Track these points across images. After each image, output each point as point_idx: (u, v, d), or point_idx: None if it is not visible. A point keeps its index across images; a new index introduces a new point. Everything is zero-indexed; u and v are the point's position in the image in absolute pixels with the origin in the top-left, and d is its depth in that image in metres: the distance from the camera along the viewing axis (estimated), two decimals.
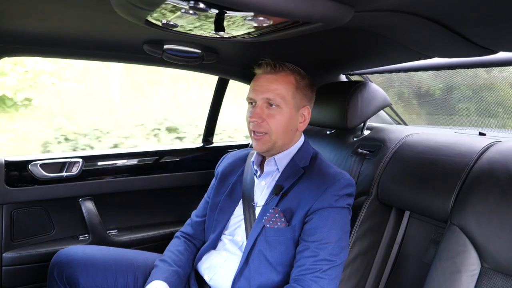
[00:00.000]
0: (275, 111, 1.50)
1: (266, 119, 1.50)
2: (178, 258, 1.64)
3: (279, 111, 1.50)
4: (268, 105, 1.51)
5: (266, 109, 1.51)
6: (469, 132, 1.75)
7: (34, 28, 1.54)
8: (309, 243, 1.39)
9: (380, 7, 0.99)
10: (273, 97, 1.49)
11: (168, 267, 1.58)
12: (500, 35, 1.11)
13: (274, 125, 1.50)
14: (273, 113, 1.50)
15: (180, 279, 1.58)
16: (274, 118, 1.50)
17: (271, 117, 1.50)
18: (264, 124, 1.50)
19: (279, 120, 1.50)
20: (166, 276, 1.53)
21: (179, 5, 0.90)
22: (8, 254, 2.06)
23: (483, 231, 1.19)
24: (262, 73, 1.55)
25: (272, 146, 1.53)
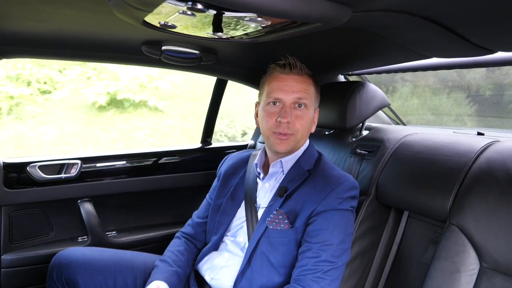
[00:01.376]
0: (303, 111, 1.51)
1: (294, 120, 1.50)
2: (178, 258, 1.64)
3: (306, 112, 1.52)
4: (295, 106, 1.51)
5: (294, 109, 1.51)
6: (468, 132, 1.76)
7: (32, 29, 1.54)
8: (312, 244, 1.39)
9: (378, 7, 0.99)
10: (304, 97, 1.50)
11: (168, 268, 1.58)
12: (498, 35, 1.11)
13: (301, 126, 1.51)
14: (300, 113, 1.51)
15: (180, 279, 1.58)
16: (302, 119, 1.51)
17: (299, 118, 1.51)
18: (292, 125, 1.50)
19: (306, 121, 1.52)
20: (166, 276, 1.53)
21: (177, 6, 0.90)
22: (7, 256, 2.06)
23: (482, 230, 1.19)
24: (286, 73, 1.53)
25: (295, 146, 1.55)
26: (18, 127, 6.38)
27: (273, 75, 1.56)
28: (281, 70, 1.54)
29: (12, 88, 6.37)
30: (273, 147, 1.54)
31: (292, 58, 1.53)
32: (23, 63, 6.58)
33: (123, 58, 2.01)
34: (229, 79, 2.50)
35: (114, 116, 6.89)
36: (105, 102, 6.69)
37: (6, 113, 6.45)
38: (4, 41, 1.66)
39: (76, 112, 6.80)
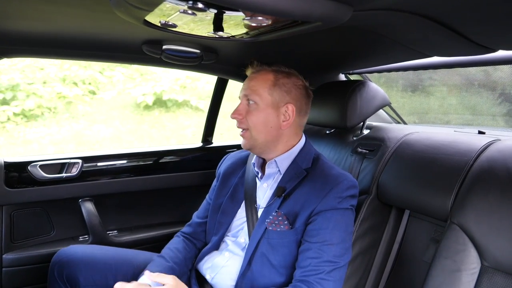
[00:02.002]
0: (252, 107, 1.53)
1: (246, 116, 1.54)
2: (175, 255, 1.64)
3: (256, 107, 1.53)
4: (248, 102, 1.55)
5: (247, 106, 1.55)
6: (469, 131, 1.75)
7: (33, 28, 1.54)
8: (311, 244, 1.39)
9: (379, 6, 0.99)
10: (249, 93, 1.53)
11: (164, 262, 1.58)
12: (499, 33, 1.11)
13: (251, 121, 1.53)
14: (251, 109, 1.54)
15: (175, 275, 1.57)
16: (252, 114, 1.53)
17: (249, 113, 1.54)
18: (243, 121, 1.54)
19: (255, 116, 1.53)
20: (160, 269, 1.53)
21: (177, 5, 0.90)
22: (8, 256, 2.06)
23: (483, 229, 1.19)
24: (248, 74, 1.61)
25: (254, 143, 1.55)
26: (73, 125, 6.75)
27: None
28: (247, 71, 1.63)
29: (63, 88, 6.79)
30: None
31: (253, 59, 1.60)
32: (70, 65, 6.98)
33: (124, 58, 2.01)
34: (230, 78, 2.50)
35: (160, 115, 7.27)
36: (152, 101, 7.09)
37: (61, 113, 6.85)
38: (5, 40, 1.67)
39: (124, 111, 7.20)
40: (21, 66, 6.65)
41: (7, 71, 6.53)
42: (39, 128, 6.61)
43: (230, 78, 2.48)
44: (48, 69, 6.80)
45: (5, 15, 1.37)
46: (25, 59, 6.64)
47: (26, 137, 6.36)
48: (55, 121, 6.75)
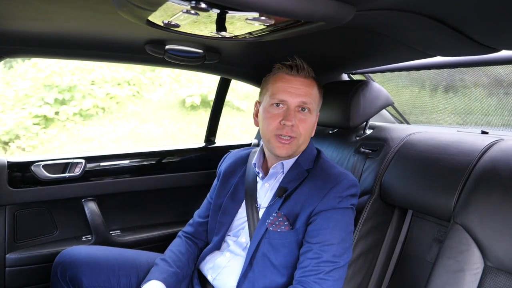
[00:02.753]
0: (306, 115, 1.49)
1: (298, 124, 1.48)
2: (178, 258, 1.63)
3: (309, 116, 1.50)
4: (299, 109, 1.49)
5: (298, 113, 1.48)
6: (472, 131, 1.75)
7: (35, 28, 1.55)
8: (312, 245, 1.38)
9: (382, 6, 0.99)
10: (309, 102, 1.49)
11: (168, 268, 1.57)
12: (502, 33, 1.11)
13: (304, 130, 1.49)
14: (304, 117, 1.49)
15: (178, 280, 1.58)
16: (305, 123, 1.49)
17: (303, 121, 1.48)
18: (295, 129, 1.47)
19: (308, 125, 1.50)
20: (164, 276, 1.53)
21: (180, 5, 0.90)
22: (11, 255, 2.06)
23: (486, 229, 1.18)
24: (294, 75, 1.50)
25: (296, 150, 1.53)
26: (125, 124, 7.20)
27: (278, 75, 1.53)
28: (288, 71, 1.51)
29: (113, 89, 7.26)
30: (274, 150, 1.51)
31: (300, 59, 1.51)
32: (116, 67, 7.39)
33: (127, 58, 2.01)
34: (233, 78, 2.50)
35: (206, 114, 7.44)
36: (199, 102, 7.43)
37: (113, 112, 7.32)
38: (8, 40, 1.67)
39: (171, 111, 7.57)
40: (72, 68, 7.05)
41: (64, 73, 6.98)
42: (95, 127, 7.04)
43: (233, 78, 2.48)
44: (97, 71, 7.17)
45: (8, 15, 1.37)
46: (74, 62, 6.99)
47: (85, 135, 6.83)
48: (108, 120, 7.15)
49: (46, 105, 6.67)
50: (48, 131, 6.66)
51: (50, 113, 6.71)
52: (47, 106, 6.67)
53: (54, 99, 6.71)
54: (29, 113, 6.59)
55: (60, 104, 6.78)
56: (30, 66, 7.10)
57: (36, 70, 6.97)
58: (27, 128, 6.52)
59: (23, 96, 6.84)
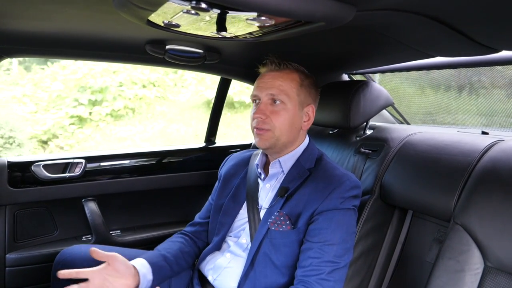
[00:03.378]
0: (279, 107, 1.50)
1: (270, 116, 1.49)
2: (168, 246, 1.65)
3: (283, 107, 1.50)
4: (272, 102, 1.50)
5: (270, 105, 1.50)
6: (472, 131, 1.75)
7: (35, 28, 1.55)
8: (313, 243, 1.38)
9: (382, 6, 0.99)
10: (277, 93, 1.49)
11: (156, 252, 1.59)
12: (502, 33, 1.11)
13: (277, 122, 1.49)
14: (277, 109, 1.50)
15: (168, 263, 1.57)
16: (278, 114, 1.49)
17: (275, 113, 1.49)
18: (268, 121, 1.49)
19: (283, 117, 1.50)
20: (149, 255, 1.54)
21: (181, 5, 0.90)
22: (11, 255, 2.07)
23: (486, 230, 1.18)
24: (266, 71, 1.56)
25: (275, 143, 1.52)
26: (154, 124, 7.59)
27: (260, 75, 1.59)
28: (262, 68, 1.58)
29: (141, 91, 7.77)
30: (256, 144, 1.55)
31: (272, 55, 1.55)
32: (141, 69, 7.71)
33: (127, 58, 2.01)
34: (233, 78, 2.50)
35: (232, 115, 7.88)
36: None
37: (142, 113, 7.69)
38: (8, 40, 1.67)
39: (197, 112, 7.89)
40: (100, 70, 7.45)
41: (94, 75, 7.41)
42: (127, 127, 7.41)
43: (233, 78, 2.48)
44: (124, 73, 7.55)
45: (8, 15, 1.37)
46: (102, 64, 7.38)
47: (118, 135, 7.27)
48: (137, 120, 7.51)
49: (80, 105, 7.20)
50: (83, 130, 7.22)
51: (85, 114, 7.22)
52: (81, 106, 7.20)
53: (88, 100, 7.23)
54: (65, 113, 7.12)
55: (93, 105, 7.29)
56: (59, 68, 7.52)
57: (70, 71, 7.44)
58: (64, 127, 7.07)
59: (56, 97, 7.32)
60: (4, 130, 6.56)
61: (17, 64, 7.90)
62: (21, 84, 7.66)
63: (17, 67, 7.87)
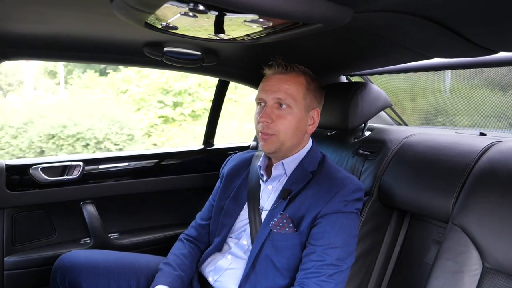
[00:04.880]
0: (285, 111, 1.49)
1: (276, 120, 1.48)
2: (182, 262, 1.63)
3: (290, 111, 1.49)
4: (278, 106, 1.49)
5: (276, 109, 1.49)
6: (470, 132, 1.75)
7: (33, 31, 1.55)
8: (316, 247, 1.38)
9: (380, 7, 0.99)
10: (284, 97, 1.47)
11: (172, 271, 1.57)
12: (500, 35, 1.11)
13: (283, 126, 1.48)
14: (283, 113, 1.49)
15: (183, 283, 1.58)
16: (284, 119, 1.48)
17: (281, 117, 1.48)
18: (273, 125, 1.48)
19: (289, 121, 1.49)
20: (170, 280, 1.53)
21: (178, 7, 0.90)
22: (9, 258, 2.06)
23: (484, 231, 1.18)
24: (272, 73, 1.53)
25: (280, 147, 1.52)
26: (229, 123, 8.24)
27: (264, 77, 1.57)
28: (268, 70, 1.55)
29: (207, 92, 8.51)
30: (261, 148, 1.55)
31: (279, 57, 1.53)
32: None
33: (125, 60, 2.01)
34: (231, 80, 2.50)
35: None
36: None
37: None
38: (6, 43, 1.67)
39: None
40: (177, 75, 8.23)
41: (178, 79, 8.27)
42: (205, 126, 7.90)
43: (231, 80, 2.48)
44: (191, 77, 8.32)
45: (6, 18, 1.37)
46: None
47: (199, 133, 7.64)
48: None
49: (166, 107, 8.14)
50: (171, 129, 8.16)
51: (170, 114, 8.17)
52: (167, 107, 8.15)
53: (172, 102, 8.20)
54: (155, 113, 8.07)
55: (175, 106, 8.24)
56: (135, 73, 8.59)
57: (158, 75, 8.33)
58: (155, 126, 8.06)
59: (139, 99, 8.34)
60: (125, 128, 7.53)
61: (91, 70, 9.03)
62: (103, 88, 8.85)
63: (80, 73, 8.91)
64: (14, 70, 10.00)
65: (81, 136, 7.07)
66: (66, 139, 7.04)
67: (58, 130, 7.02)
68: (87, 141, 7.06)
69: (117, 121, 7.46)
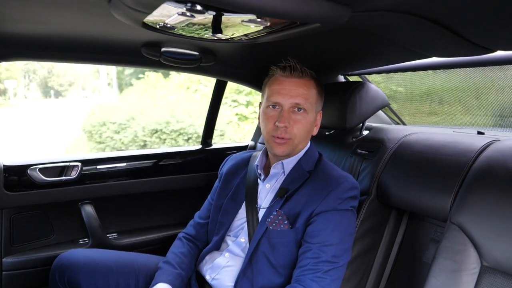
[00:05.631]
0: (301, 116, 1.50)
1: (293, 125, 1.49)
2: (181, 260, 1.64)
3: (305, 116, 1.50)
4: (294, 110, 1.49)
5: (292, 114, 1.49)
6: (468, 131, 1.75)
7: (31, 32, 1.54)
8: (312, 245, 1.39)
9: (378, 7, 0.99)
10: (303, 102, 1.49)
11: (173, 270, 1.58)
12: (497, 34, 1.11)
13: (299, 130, 1.50)
14: (299, 118, 1.50)
15: (183, 282, 1.58)
16: (300, 123, 1.50)
17: (298, 122, 1.49)
18: (290, 130, 1.49)
19: (304, 125, 1.51)
20: (170, 278, 1.53)
21: (176, 7, 0.90)
22: (8, 259, 2.06)
23: (482, 229, 1.19)
24: (287, 76, 1.52)
25: (293, 150, 1.54)
26: None
27: (274, 77, 1.56)
28: (281, 72, 1.53)
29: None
30: (272, 150, 1.54)
31: (293, 60, 1.52)
32: None
33: (123, 60, 2.01)
34: (229, 80, 2.50)
35: None
36: None
37: None
38: (3, 44, 1.66)
39: None
40: None
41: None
42: None
43: (229, 80, 2.48)
44: None
45: (3, 18, 1.36)
46: None
47: None
48: None
49: (240, 105, 8.62)
50: (245, 126, 8.60)
51: (244, 112, 8.66)
52: (241, 106, 8.63)
53: (246, 101, 8.65)
54: (230, 111, 8.53)
55: (248, 105, 8.69)
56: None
57: None
58: (232, 122, 8.49)
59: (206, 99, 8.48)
60: (218, 124, 7.42)
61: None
62: (169, 88, 9.63)
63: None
64: (65, 71, 10.72)
65: (184, 131, 7.82)
66: (170, 134, 7.85)
67: (163, 125, 7.87)
68: (189, 136, 7.81)
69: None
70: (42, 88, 27.06)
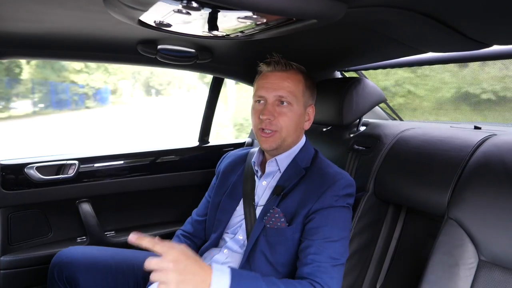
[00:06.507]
0: (287, 108, 1.51)
1: (278, 117, 1.50)
2: None
3: (290, 108, 1.51)
4: (279, 103, 1.51)
5: (277, 107, 1.51)
6: (465, 126, 1.76)
7: (27, 30, 1.54)
8: (312, 241, 1.38)
9: (374, 2, 1.00)
10: (286, 95, 1.50)
11: None
12: (493, 28, 1.11)
13: (285, 123, 1.50)
14: (284, 110, 1.50)
15: None
16: (286, 116, 1.50)
17: (283, 114, 1.50)
18: (275, 122, 1.50)
19: (290, 118, 1.51)
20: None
21: (172, 4, 0.90)
22: (5, 258, 2.06)
23: (480, 224, 1.19)
24: (271, 71, 1.55)
25: (281, 144, 1.53)
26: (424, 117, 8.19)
27: (261, 74, 1.58)
28: (266, 68, 1.56)
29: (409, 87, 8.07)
30: (260, 145, 1.56)
31: (277, 55, 1.54)
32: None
33: (119, 58, 2.01)
34: (225, 77, 2.50)
35: None
36: None
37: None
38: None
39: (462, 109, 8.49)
40: None
41: None
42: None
43: (225, 77, 2.48)
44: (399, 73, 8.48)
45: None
46: None
47: None
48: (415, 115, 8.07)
49: None
50: None
51: None
52: None
53: None
54: None
55: None
56: None
57: None
58: None
59: None
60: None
61: None
62: None
63: None
64: (164, 71, 11.44)
65: None
66: None
67: None
68: None
69: None
70: (145, 87, 28.15)
